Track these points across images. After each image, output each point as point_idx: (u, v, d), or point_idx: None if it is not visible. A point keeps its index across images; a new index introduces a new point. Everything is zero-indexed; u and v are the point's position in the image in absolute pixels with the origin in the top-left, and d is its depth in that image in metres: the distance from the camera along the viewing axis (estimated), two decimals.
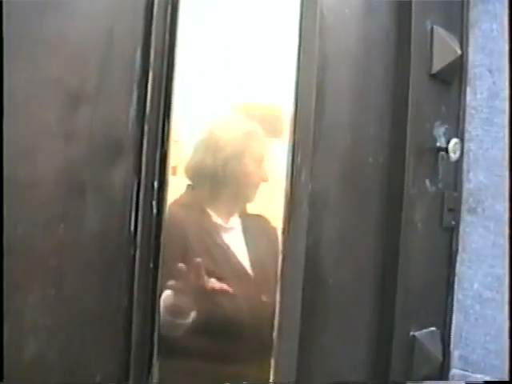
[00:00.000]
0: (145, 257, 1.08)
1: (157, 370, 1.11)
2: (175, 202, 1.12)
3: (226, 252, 1.23)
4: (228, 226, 1.23)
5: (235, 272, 1.23)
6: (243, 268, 1.24)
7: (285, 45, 1.26)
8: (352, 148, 1.49)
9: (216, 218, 1.22)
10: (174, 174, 1.12)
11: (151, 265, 1.09)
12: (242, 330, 1.24)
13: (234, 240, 1.23)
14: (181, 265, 1.14)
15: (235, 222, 1.23)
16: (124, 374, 1.08)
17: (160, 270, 1.09)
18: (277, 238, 1.24)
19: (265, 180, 1.24)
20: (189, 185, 1.16)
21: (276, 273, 1.24)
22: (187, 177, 1.16)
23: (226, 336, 1.22)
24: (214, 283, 1.18)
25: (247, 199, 1.25)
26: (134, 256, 1.07)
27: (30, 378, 0.95)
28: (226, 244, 1.22)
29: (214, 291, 1.18)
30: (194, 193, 1.18)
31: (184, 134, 1.14)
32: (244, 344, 1.24)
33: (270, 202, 1.26)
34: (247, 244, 1.24)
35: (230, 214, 1.23)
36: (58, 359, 0.99)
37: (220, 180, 1.21)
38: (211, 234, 1.21)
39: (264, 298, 1.25)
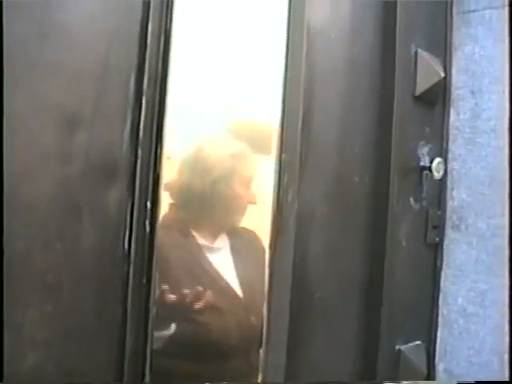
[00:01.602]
0: (138, 273, 1.11)
1: (149, 380, 1.13)
2: (166, 221, 1.15)
3: (211, 271, 1.25)
4: (215, 245, 1.26)
5: (222, 290, 1.26)
6: (230, 286, 1.26)
7: (272, 67, 1.30)
8: (338, 167, 1.53)
9: (201, 239, 1.24)
10: (165, 194, 1.15)
11: (144, 281, 1.12)
12: (229, 347, 1.26)
13: (221, 259, 1.26)
14: (171, 283, 1.17)
15: (222, 241, 1.26)
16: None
17: (152, 287, 1.12)
18: (264, 256, 1.27)
19: (253, 202, 1.27)
20: (177, 205, 1.19)
21: (263, 289, 1.27)
22: (176, 198, 1.19)
23: (212, 353, 1.24)
24: (200, 302, 1.21)
25: (235, 220, 1.28)
26: (128, 272, 1.11)
27: None
28: (212, 263, 1.25)
29: (200, 310, 1.21)
30: (183, 213, 1.21)
31: (175, 156, 1.17)
32: (232, 360, 1.27)
33: (257, 220, 1.29)
34: (235, 263, 1.27)
35: (217, 234, 1.26)
36: (55, 370, 1.02)
37: (207, 201, 1.23)
38: (197, 253, 1.24)
39: (252, 314, 1.28)
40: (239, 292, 1.27)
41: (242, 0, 1.27)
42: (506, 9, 1.72)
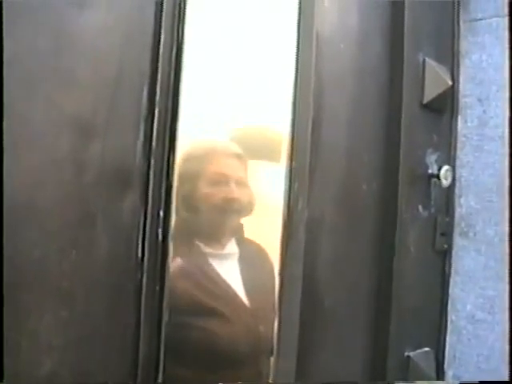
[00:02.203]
0: (151, 280, 1.13)
1: None
2: (178, 229, 1.16)
3: (222, 279, 1.26)
4: (225, 252, 1.26)
5: (234, 297, 1.26)
6: (242, 294, 1.27)
7: (282, 75, 1.31)
8: (347, 175, 1.54)
9: (212, 246, 1.25)
10: (177, 203, 1.16)
11: (157, 288, 1.14)
12: (237, 356, 1.27)
13: (231, 266, 1.27)
14: (182, 290, 1.18)
15: (233, 248, 1.27)
16: None
17: (165, 294, 1.13)
18: (274, 263, 1.28)
19: (264, 204, 1.28)
20: (188, 213, 1.20)
21: (274, 297, 1.28)
22: (188, 206, 1.20)
23: (221, 362, 1.25)
24: (207, 311, 1.22)
25: (246, 225, 1.28)
26: (141, 280, 1.12)
27: None
28: (222, 271, 1.25)
29: (207, 318, 1.22)
30: (194, 221, 1.22)
31: (188, 165, 1.18)
32: (241, 369, 1.28)
33: (267, 228, 1.30)
34: (245, 270, 1.27)
35: (229, 241, 1.26)
36: (70, 376, 1.04)
37: (220, 208, 1.24)
38: (205, 262, 1.24)
39: (262, 322, 1.29)
40: (250, 299, 1.27)
41: (252, 9, 1.28)
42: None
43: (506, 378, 1.63)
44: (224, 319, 1.25)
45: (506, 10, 1.77)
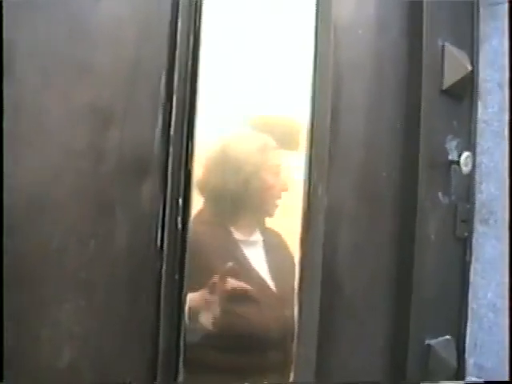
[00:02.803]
0: (170, 270, 1.13)
1: (182, 377, 1.15)
2: (198, 217, 1.16)
3: (247, 265, 1.26)
4: (251, 239, 1.26)
5: (257, 285, 1.26)
6: (264, 281, 1.27)
7: (301, 64, 1.31)
8: (366, 162, 1.53)
9: (238, 233, 1.25)
10: (197, 191, 1.16)
11: (176, 277, 1.14)
12: (263, 340, 1.27)
13: (256, 254, 1.27)
14: (205, 277, 1.18)
15: (258, 235, 1.27)
16: (151, 380, 1.12)
17: (185, 282, 1.14)
18: (294, 251, 1.28)
19: (285, 190, 1.28)
20: (211, 201, 1.20)
21: (294, 285, 1.28)
22: (210, 194, 1.20)
23: (247, 346, 1.25)
24: (235, 296, 1.22)
25: (268, 213, 1.28)
26: (161, 269, 1.12)
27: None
28: (247, 257, 1.26)
29: (235, 303, 1.22)
30: (217, 209, 1.22)
31: (206, 153, 1.18)
32: (265, 353, 1.28)
33: (287, 216, 1.30)
34: (268, 257, 1.28)
35: (253, 228, 1.27)
36: (90, 366, 1.04)
37: (241, 196, 1.24)
38: (234, 248, 1.24)
39: (284, 309, 1.29)
40: (272, 286, 1.28)
41: None
42: None
43: None
44: (254, 306, 1.25)
45: None
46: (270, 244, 1.28)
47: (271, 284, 1.28)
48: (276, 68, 1.28)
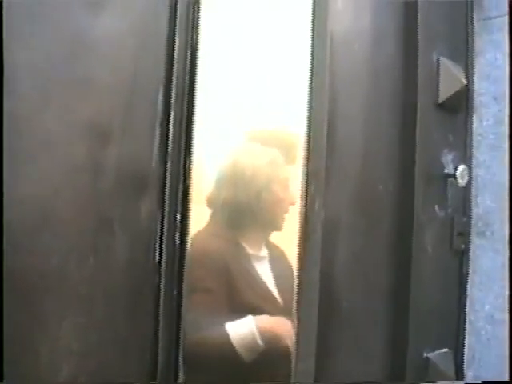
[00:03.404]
0: (169, 285, 1.13)
1: None
2: (198, 233, 1.16)
3: (262, 279, 1.27)
4: (261, 254, 1.27)
5: (262, 298, 1.27)
6: (271, 294, 1.28)
7: (297, 77, 1.31)
8: (363, 175, 1.53)
9: (249, 248, 1.25)
10: (198, 206, 1.16)
11: (175, 292, 1.14)
12: (261, 356, 1.26)
13: (265, 269, 1.28)
14: (203, 292, 1.18)
15: (265, 250, 1.27)
16: None
17: (183, 297, 1.14)
18: (292, 264, 1.28)
19: (293, 203, 1.28)
20: (217, 216, 1.20)
21: (292, 298, 1.28)
22: (216, 208, 1.20)
23: (246, 360, 1.24)
24: (253, 309, 1.23)
25: (276, 227, 1.29)
26: (159, 284, 1.12)
27: None
28: (258, 272, 1.27)
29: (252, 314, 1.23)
30: (225, 224, 1.23)
31: (206, 168, 1.19)
32: (265, 368, 1.27)
33: (285, 229, 1.30)
34: (274, 272, 1.28)
35: (261, 243, 1.27)
36: (90, 381, 1.04)
37: (251, 211, 1.25)
38: (245, 263, 1.25)
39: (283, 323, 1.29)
40: (279, 299, 1.28)
41: (266, 11, 1.28)
42: None
43: None
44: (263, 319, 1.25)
45: None
46: (274, 258, 1.28)
47: (278, 297, 1.28)
48: (273, 81, 1.28)
